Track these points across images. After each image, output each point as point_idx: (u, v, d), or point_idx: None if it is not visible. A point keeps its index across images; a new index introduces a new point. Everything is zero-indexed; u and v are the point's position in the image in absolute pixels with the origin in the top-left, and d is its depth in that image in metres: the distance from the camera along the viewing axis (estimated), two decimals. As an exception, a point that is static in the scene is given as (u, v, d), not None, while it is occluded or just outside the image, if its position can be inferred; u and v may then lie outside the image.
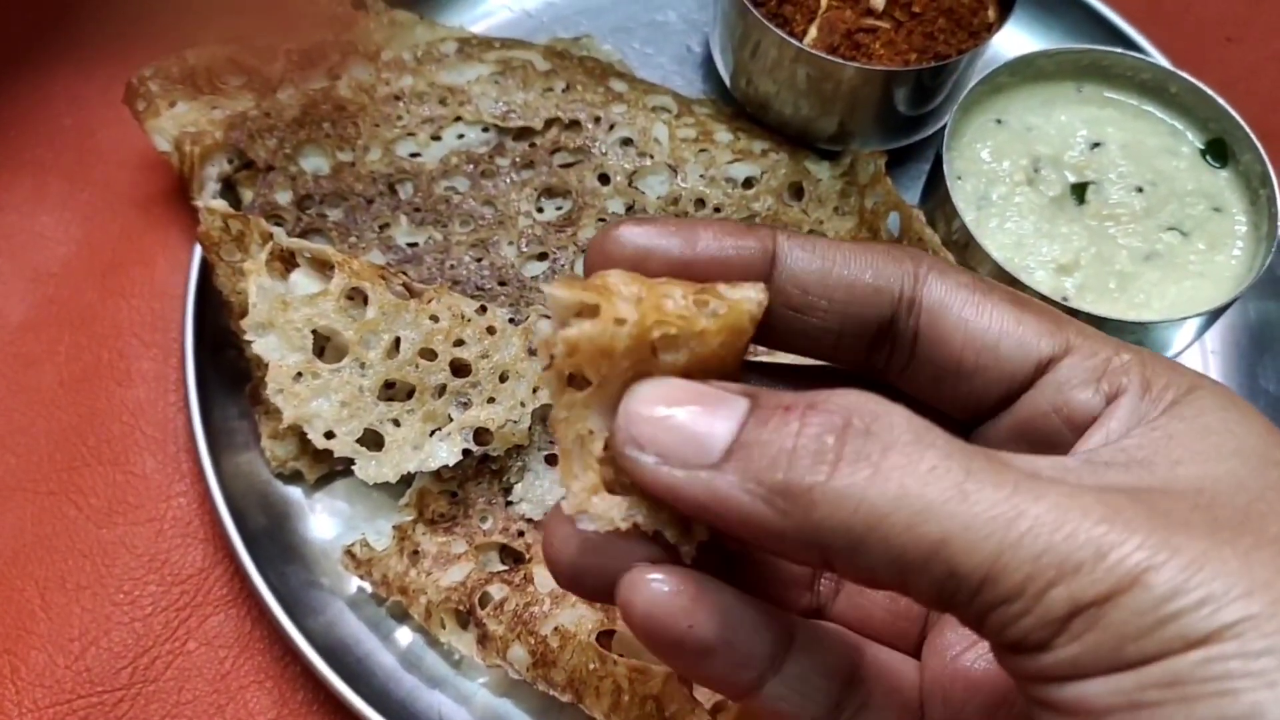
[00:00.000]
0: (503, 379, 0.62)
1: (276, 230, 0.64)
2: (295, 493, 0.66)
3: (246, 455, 0.66)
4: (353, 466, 0.60)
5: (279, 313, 0.60)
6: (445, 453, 0.60)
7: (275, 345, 0.59)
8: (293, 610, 0.59)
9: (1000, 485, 0.26)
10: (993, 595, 0.26)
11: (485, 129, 0.74)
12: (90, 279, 0.73)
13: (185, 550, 0.65)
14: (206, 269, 0.66)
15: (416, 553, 0.61)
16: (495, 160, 0.73)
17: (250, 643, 0.62)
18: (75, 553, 0.64)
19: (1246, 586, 0.24)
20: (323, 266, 0.62)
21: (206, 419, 0.64)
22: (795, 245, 0.34)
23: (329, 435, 0.59)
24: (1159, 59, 0.78)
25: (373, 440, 0.61)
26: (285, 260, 0.62)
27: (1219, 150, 0.72)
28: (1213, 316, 0.66)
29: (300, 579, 0.63)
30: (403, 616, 0.62)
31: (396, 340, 0.61)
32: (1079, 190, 0.70)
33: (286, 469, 0.65)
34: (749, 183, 0.74)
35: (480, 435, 0.61)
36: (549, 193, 0.74)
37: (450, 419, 0.61)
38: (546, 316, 0.32)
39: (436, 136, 0.74)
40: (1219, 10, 0.91)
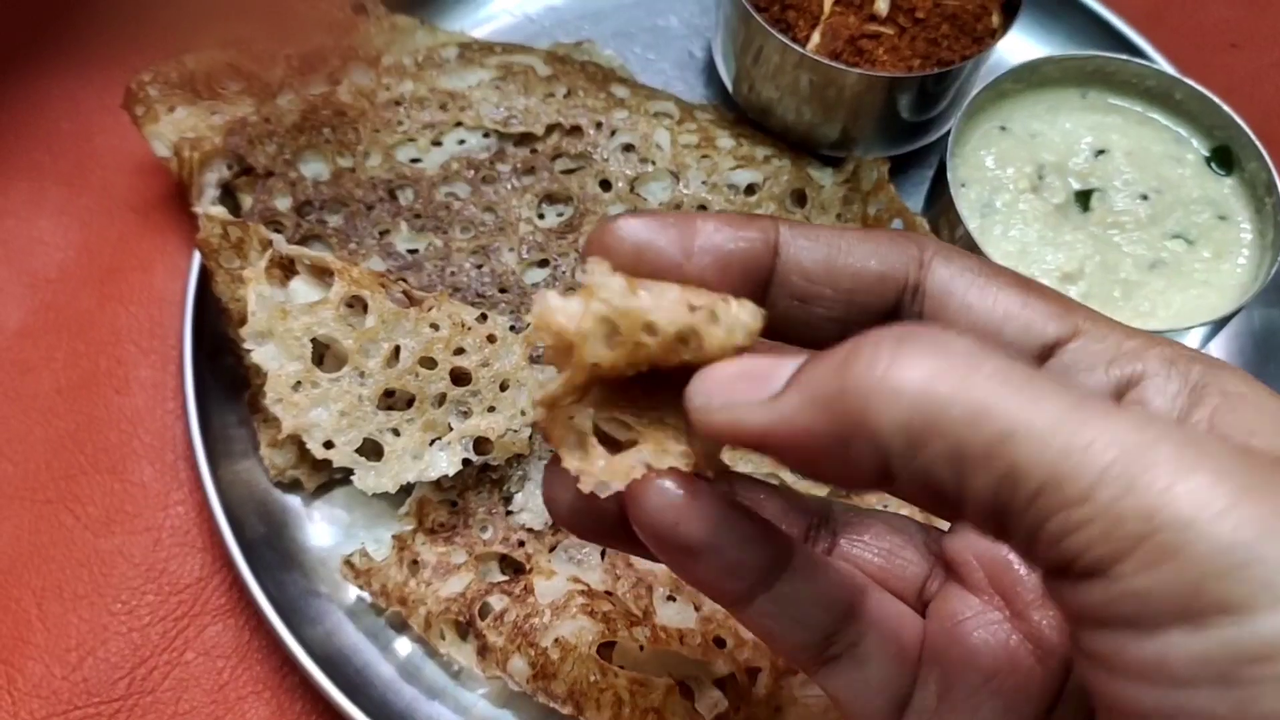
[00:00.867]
0: (503, 388, 0.62)
1: (276, 237, 0.63)
2: (294, 501, 0.65)
3: (245, 463, 0.65)
4: (351, 476, 0.59)
5: (278, 321, 0.59)
6: (445, 462, 0.60)
7: (274, 354, 0.59)
8: (291, 620, 0.59)
9: (1067, 393, 0.24)
10: (1054, 498, 0.23)
11: (486, 134, 0.74)
12: (88, 285, 0.72)
13: (183, 559, 0.64)
14: (205, 275, 0.66)
15: (416, 563, 0.60)
16: (496, 166, 0.73)
17: (249, 653, 0.62)
18: (72, 562, 0.64)
19: None
20: (322, 274, 0.62)
21: (205, 427, 0.64)
22: (798, 234, 0.34)
23: (328, 445, 0.59)
24: (1163, 65, 0.78)
25: (372, 449, 0.60)
26: (284, 267, 0.62)
27: (1224, 158, 0.71)
28: (1218, 325, 0.66)
29: (299, 588, 0.62)
30: (402, 627, 0.61)
31: (396, 349, 0.61)
32: (1083, 198, 0.70)
33: (285, 477, 0.64)
34: (751, 189, 0.73)
35: (480, 444, 0.61)
36: (550, 199, 0.73)
37: (450, 428, 0.61)
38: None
39: (437, 142, 0.73)
40: (1222, 16, 0.90)
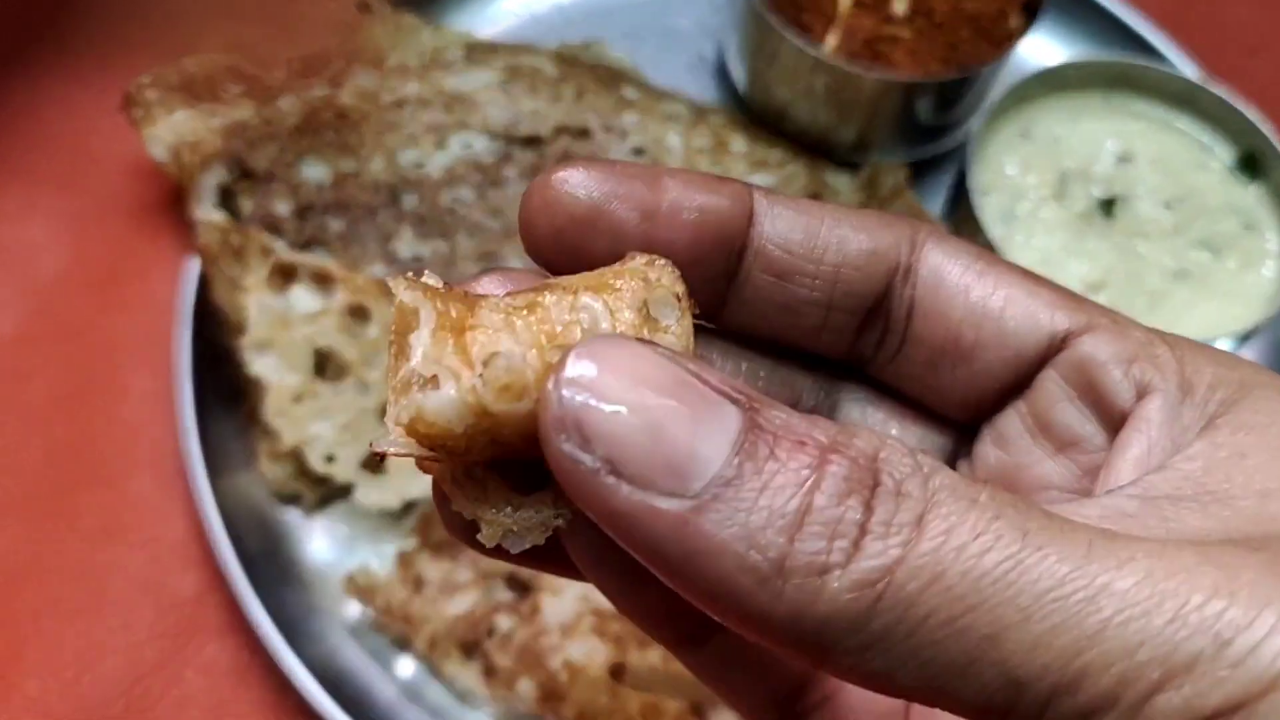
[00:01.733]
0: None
1: (277, 244, 0.61)
2: (294, 513, 0.64)
3: (244, 475, 0.64)
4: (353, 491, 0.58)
5: (279, 331, 0.58)
6: (450, 477, 0.58)
7: (275, 365, 0.57)
8: (291, 639, 0.57)
9: (1069, 551, 0.20)
10: (1071, 708, 0.20)
11: (492, 137, 0.72)
12: (84, 291, 0.71)
13: (181, 574, 0.62)
14: (201, 283, 0.64)
15: (420, 580, 0.59)
16: (502, 170, 0.71)
17: (248, 672, 0.60)
18: (68, 576, 0.62)
19: None
20: (324, 281, 0.60)
21: (203, 438, 0.62)
22: (776, 202, 0.28)
23: (329, 459, 0.57)
24: (1186, 68, 0.76)
25: (374, 463, 0.59)
26: (285, 273, 0.60)
27: (1250, 164, 0.69)
28: (1243, 337, 0.64)
29: (299, 604, 0.61)
30: (404, 645, 0.60)
31: (400, 360, 0.59)
32: (1107, 206, 0.68)
33: (285, 490, 0.63)
34: (764, 194, 0.72)
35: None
36: (558, 204, 0.71)
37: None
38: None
39: (441, 145, 0.71)
40: (1245, 18, 0.88)
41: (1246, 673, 0.19)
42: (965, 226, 0.66)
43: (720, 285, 0.29)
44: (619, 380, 0.21)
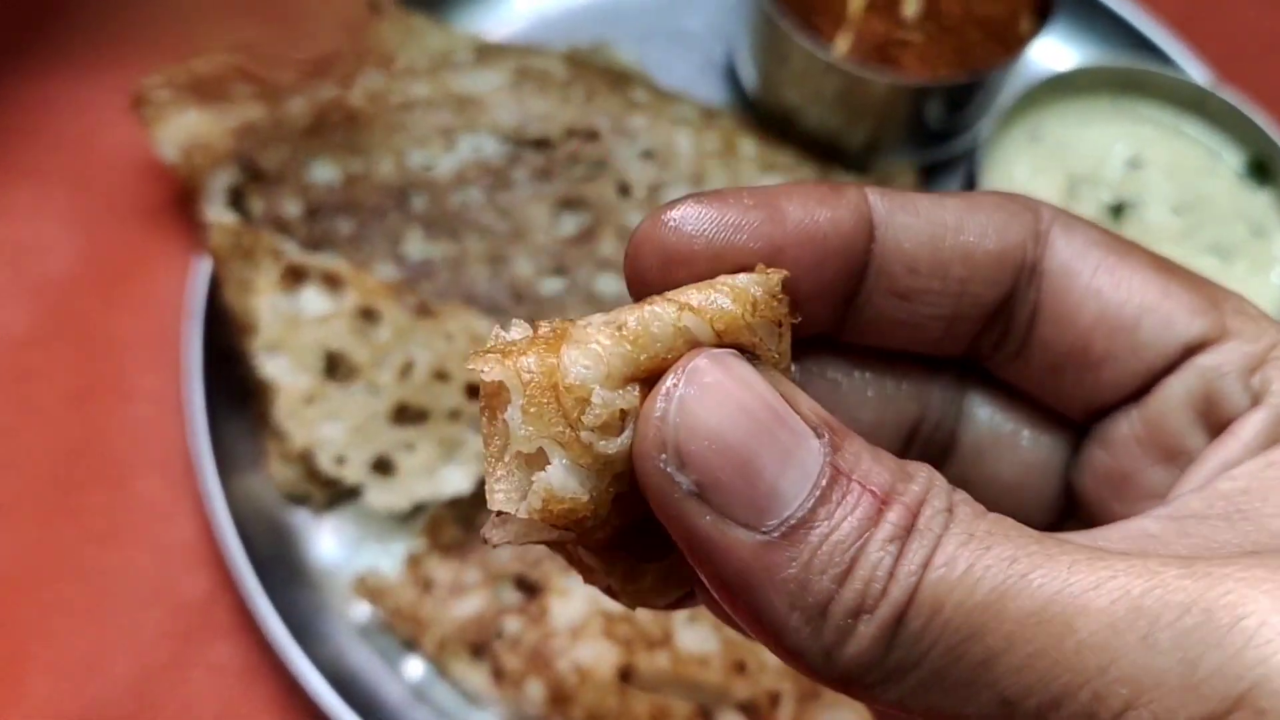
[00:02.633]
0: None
1: (287, 245, 0.61)
2: (303, 514, 0.64)
3: (253, 476, 0.64)
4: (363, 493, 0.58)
5: (289, 333, 0.58)
6: (459, 479, 0.58)
7: (286, 367, 0.58)
8: (300, 639, 0.57)
9: (1052, 575, 0.21)
10: None
11: (501, 139, 0.72)
12: (93, 290, 0.71)
13: (190, 575, 0.63)
14: (210, 283, 0.64)
15: (429, 582, 0.59)
16: (511, 171, 0.71)
17: (257, 672, 0.60)
18: (77, 576, 0.62)
19: None
20: (334, 282, 0.60)
21: (213, 439, 0.62)
22: (895, 207, 0.26)
23: (340, 461, 0.57)
24: (1197, 71, 0.76)
25: (384, 464, 0.59)
26: (295, 275, 0.60)
27: (1260, 170, 0.69)
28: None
29: (308, 604, 0.61)
30: (413, 646, 0.60)
31: (409, 361, 0.59)
32: (1116, 211, 0.68)
33: (295, 491, 0.63)
34: (773, 197, 0.72)
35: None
36: (567, 205, 0.71)
37: (464, 444, 0.59)
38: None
39: (451, 146, 0.71)
40: (1256, 23, 0.88)
41: (1212, 691, 0.19)
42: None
43: (839, 305, 0.27)
44: (718, 405, 0.22)
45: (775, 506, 0.22)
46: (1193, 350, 0.26)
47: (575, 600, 0.58)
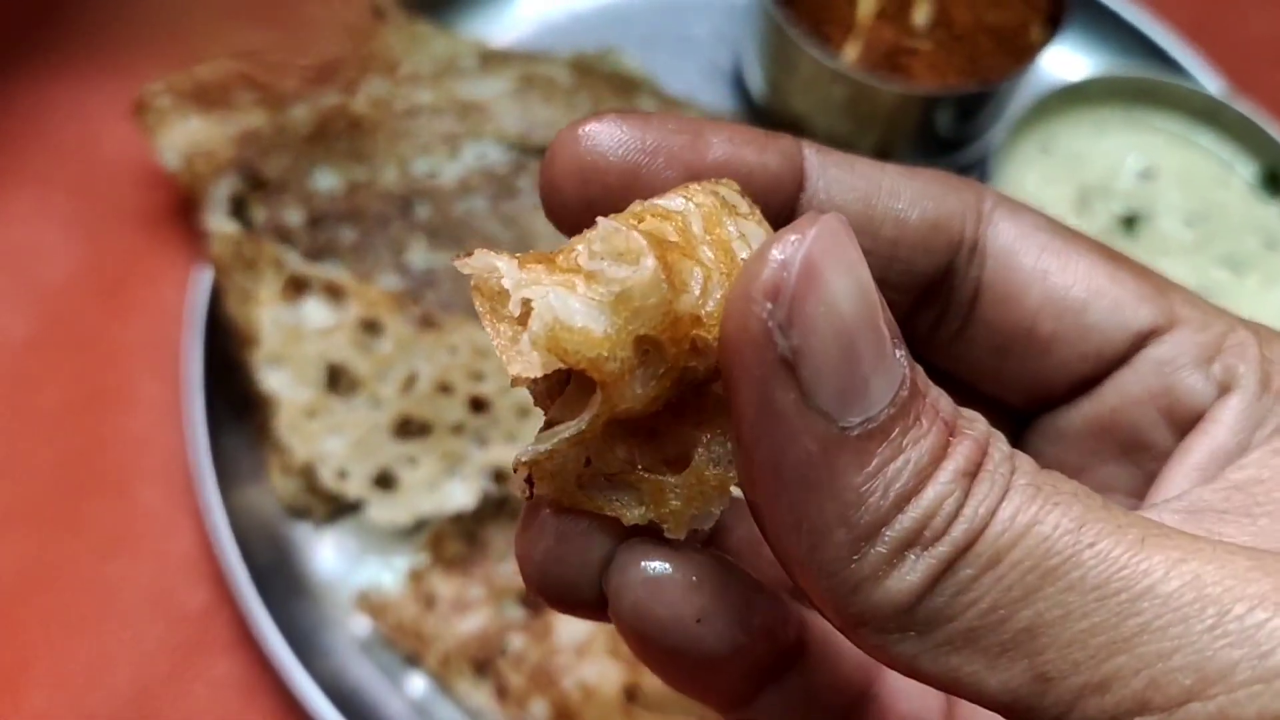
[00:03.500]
0: (523, 415, 0.59)
1: (289, 255, 0.61)
2: (303, 527, 0.63)
3: (254, 487, 0.63)
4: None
5: (291, 345, 0.57)
6: (462, 494, 0.58)
7: (287, 380, 0.57)
8: (301, 653, 0.57)
9: (1121, 549, 0.19)
10: (1098, 709, 0.19)
11: (506, 147, 0.71)
12: (94, 298, 0.70)
13: (191, 587, 0.62)
14: (211, 292, 0.64)
15: (431, 598, 0.58)
16: (516, 179, 0.71)
17: (258, 686, 0.60)
18: (77, 587, 0.62)
19: None
20: (336, 293, 0.60)
21: (213, 450, 0.61)
22: (829, 163, 0.26)
23: (341, 475, 0.57)
24: (1209, 82, 0.75)
25: (386, 479, 0.58)
26: (298, 285, 0.60)
27: (1273, 182, 0.69)
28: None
29: (309, 618, 0.60)
30: (415, 662, 0.59)
31: (412, 374, 0.59)
32: (1128, 222, 0.67)
33: (296, 504, 0.62)
34: (780, 207, 0.71)
35: (500, 476, 0.59)
36: (572, 215, 0.71)
37: (467, 458, 0.59)
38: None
39: (455, 154, 0.71)
40: (1270, 32, 0.87)
41: None
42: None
43: None
44: (845, 272, 0.20)
45: (863, 403, 0.20)
46: (1143, 339, 0.26)
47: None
